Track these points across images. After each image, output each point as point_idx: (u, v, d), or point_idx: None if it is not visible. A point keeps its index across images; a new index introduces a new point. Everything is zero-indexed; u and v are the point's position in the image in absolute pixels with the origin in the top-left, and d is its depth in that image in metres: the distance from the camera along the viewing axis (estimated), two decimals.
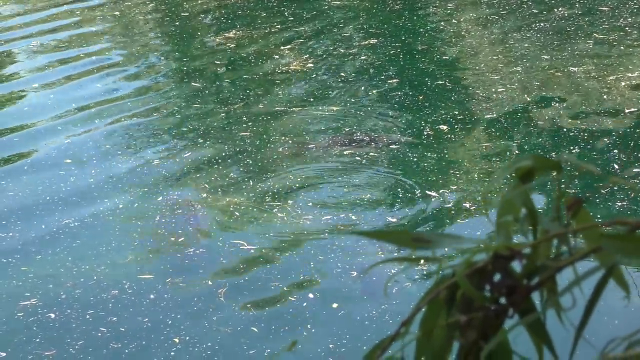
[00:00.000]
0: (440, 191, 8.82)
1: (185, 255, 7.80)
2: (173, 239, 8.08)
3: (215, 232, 8.21)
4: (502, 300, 1.01)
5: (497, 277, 1.00)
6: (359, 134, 10.31)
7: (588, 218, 1.01)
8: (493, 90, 11.61)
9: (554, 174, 1.03)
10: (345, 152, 9.83)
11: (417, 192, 8.86)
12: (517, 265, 1.02)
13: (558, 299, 1.03)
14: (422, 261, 0.99)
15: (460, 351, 0.99)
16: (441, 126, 10.40)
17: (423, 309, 1.00)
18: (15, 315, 6.97)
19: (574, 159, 1.07)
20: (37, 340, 6.69)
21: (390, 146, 9.90)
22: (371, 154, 9.73)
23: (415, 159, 9.58)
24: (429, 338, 0.97)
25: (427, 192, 8.81)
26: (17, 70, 13.37)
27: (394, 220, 8.37)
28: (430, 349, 0.98)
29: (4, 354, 6.51)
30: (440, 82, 11.93)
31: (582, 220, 1.01)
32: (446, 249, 1.03)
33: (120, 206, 8.77)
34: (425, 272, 7.39)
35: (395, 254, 7.44)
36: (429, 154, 9.67)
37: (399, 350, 1.00)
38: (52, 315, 6.96)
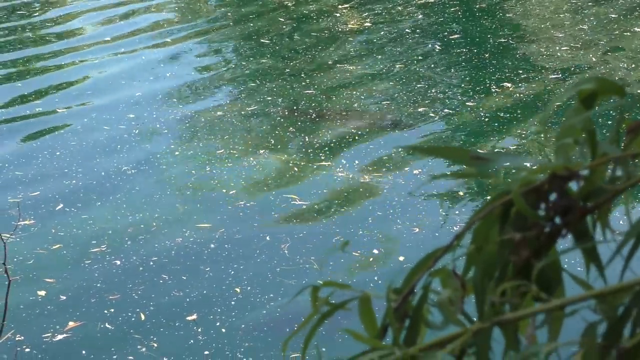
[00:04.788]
0: (504, 149, 8.77)
1: (238, 207, 7.88)
2: (224, 190, 8.18)
3: (267, 186, 8.28)
4: (556, 220, 1.03)
5: (552, 197, 1.02)
6: (418, 94, 10.27)
7: None
8: (557, 48, 11.45)
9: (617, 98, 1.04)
10: (403, 112, 9.81)
11: (477, 149, 8.81)
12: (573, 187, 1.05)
13: (610, 222, 1.05)
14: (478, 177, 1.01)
15: (510, 267, 1.01)
16: (505, 84, 10.32)
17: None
18: (82, 261, 7.13)
19: None
20: (100, 284, 6.84)
21: (446, 109, 9.85)
22: (430, 114, 9.70)
23: (479, 117, 9.53)
24: (480, 252, 1.00)
25: (496, 149, 8.78)
26: (80, 22, 13.52)
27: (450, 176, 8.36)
28: (480, 264, 1.00)
29: (64, 297, 6.67)
30: (503, 40, 11.80)
31: None
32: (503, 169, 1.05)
33: (176, 153, 8.91)
34: None
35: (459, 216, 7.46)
36: (493, 112, 9.60)
37: (451, 262, 1.03)
38: (118, 262, 7.11)
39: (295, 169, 8.58)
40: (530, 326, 0.98)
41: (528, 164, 1.00)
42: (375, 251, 7.20)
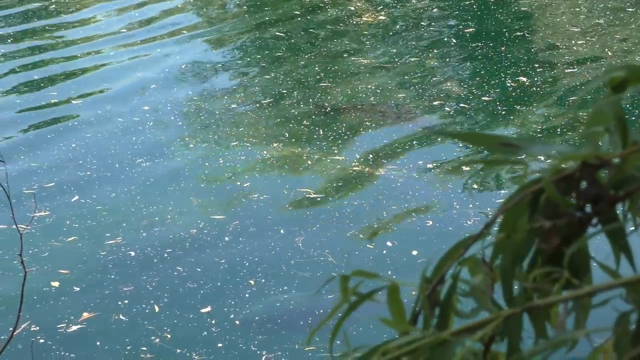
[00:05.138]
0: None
1: (251, 199, 7.88)
2: (238, 183, 8.18)
3: (281, 179, 8.28)
4: (587, 208, 1.03)
5: (583, 185, 1.02)
6: (433, 87, 10.25)
7: None
8: (573, 42, 11.41)
9: None
10: (417, 106, 9.79)
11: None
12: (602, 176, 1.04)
13: None
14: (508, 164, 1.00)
15: (539, 255, 1.01)
16: (521, 77, 10.29)
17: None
18: (97, 253, 7.14)
19: None
20: (114, 276, 6.86)
21: (462, 104, 9.83)
22: (445, 108, 9.68)
23: (495, 112, 9.51)
24: (509, 240, 0.99)
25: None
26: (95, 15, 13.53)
27: (467, 168, 8.34)
28: (509, 252, 1.00)
29: (78, 289, 6.69)
30: (519, 34, 11.76)
31: None
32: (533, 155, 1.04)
33: (190, 145, 8.92)
34: None
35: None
36: (510, 107, 9.58)
37: (479, 251, 1.02)
38: (132, 254, 7.13)
39: (309, 161, 8.57)
40: (560, 314, 0.98)
41: (558, 152, 0.99)
42: (389, 244, 7.20)
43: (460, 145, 8.84)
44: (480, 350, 0.97)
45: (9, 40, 12.10)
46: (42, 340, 6.15)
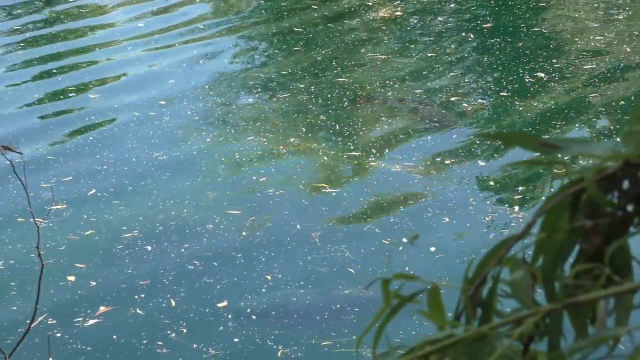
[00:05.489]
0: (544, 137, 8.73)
1: (268, 195, 7.88)
2: (255, 178, 8.18)
3: (297, 174, 8.27)
4: (629, 208, 1.01)
5: (625, 185, 1.00)
6: (450, 82, 10.21)
7: None
8: (591, 37, 11.35)
9: None
10: (435, 102, 9.76)
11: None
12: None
13: None
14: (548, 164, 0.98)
15: (580, 255, 0.99)
16: (539, 73, 10.24)
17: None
18: (113, 247, 7.15)
19: None
20: (131, 270, 6.86)
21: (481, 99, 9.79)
22: (463, 104, 9.64)
23: (513, 107, 9.47)
24: (550, 240, 0.98)
25: None
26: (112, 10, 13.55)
27: (483, 164, 8.31)
28: (549, 251, 0.98)
29: (94, 283, 6.69)
30: (537, 29, 11.71)
31: None
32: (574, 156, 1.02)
33: (207, 140, 8.92)
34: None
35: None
36: (527, 102, 9.54)
37: (520, 251, 1.00)
38: (149, 248, 7.13)
39: (325, 157, 8.56)
40: (601, 311, 0.96)
41: (599, 151, 0.97)
42: (405, 240, 7.18)
43: (478, 142, 8.80)
44: (520, 348, 0.96)
45: (28, 34, 12.12)
46: (58, 334, 6.16)
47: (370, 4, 13.10)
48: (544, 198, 6.86)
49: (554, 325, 0.92)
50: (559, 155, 0.98)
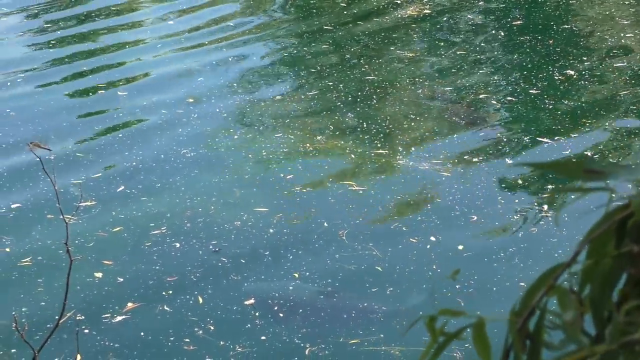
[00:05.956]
0: (570, 137, 8.65)
1: (295, 192, 7.87)
2: (282, 175, 8.17)
3: (324, 172, 8.25)
4: None
5: None
6: (480, 80, 10.15)
7: None
8: (622, 34, 11.24)
9: None
10: (464, 100, 9.71)
11: (545, 139, 8.70)
12: None
13: None
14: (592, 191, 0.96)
15: (628, 281, 0.97)
16: (569, 71, 10.16)
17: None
18: (141, 244, 7.17)
19: None
20: (158, 267, 6.88)
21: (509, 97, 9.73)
22: (492, 102, 9.59)
23: (542, 106, 9.40)
24: (597, 267, 0.96)
25: (558, 138, 8.67)
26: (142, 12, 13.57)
27: (511, 162, 8.26)
28: (597, 279, 0.96)
29: (122, 280, 6.72)
30: (567, 27, 11.62)
31: None
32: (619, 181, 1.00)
33: (235, 137, 8.93)
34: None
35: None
36: (557, 100, 9.47)
37: (568, 279, 0.98)
38: (177, 245, 7.14)
39: (353, 155, 8.54)
40: None
41: None
42: (433, 238, 7.16)
43: (505, 140, 8.76)
44: None
45: (59, 32, 12.18)
46: (86, 330, 6.19)
47: (398, 2, 13.04)
48: (572, 197, 6.79)
49: None
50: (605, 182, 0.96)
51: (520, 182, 8.06)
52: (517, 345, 0.90)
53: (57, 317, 5.32)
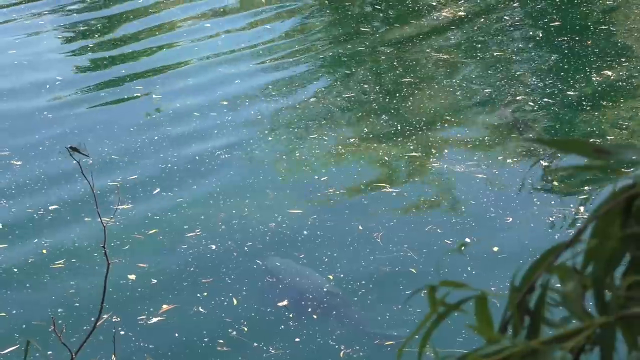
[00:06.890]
0: (607, 140, 8.58)
1: (328, 194, 7.87)
2: (316, 177, 8.18)
3: (358, 174, 8.24)
4: None
5: None
6: (517, 82, 10.08)
7: None
8: None
9: None
10: (501, 101, 9.65)
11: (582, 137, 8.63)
12: None
13: None
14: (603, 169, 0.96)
15: (632, 263, 0.96)
16: (606, 72, 10.07)
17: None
18: (177, 245, 7.20)
19: None
20: (193, 268, 6.91)
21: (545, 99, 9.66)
22: (529, 103, 9.53)
23: (580, 106, 9.33)
24: (601, 247, 0.95)
25: (594, 140, 8.58)
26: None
27: (546, 164, 8.21)
28: (601, 259, 0.95)
29: (155, 281, 6.75)
30: (604, 27, 11.52)
31: None
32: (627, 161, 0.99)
33: (269, 139, 8.95)
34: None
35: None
36: (595, 102, 9.39)
37: (570, 258, 0.98)
38: (213, 247, 7.17)
39: (386, 157, 8.52)
40: None
41: None
42: (467, 239, 7.12)
43: None
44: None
45: (96, 35, 12.29)
46: (122, 332, 6.23)
47: (434, 3, 13.01)
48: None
49: (606, 338, 0.90)
50: (612, 162, 0.95)
51: (555, 183, 8.00)
52: (516, 319, 0.90)
53: (93, 319, 5.36)
